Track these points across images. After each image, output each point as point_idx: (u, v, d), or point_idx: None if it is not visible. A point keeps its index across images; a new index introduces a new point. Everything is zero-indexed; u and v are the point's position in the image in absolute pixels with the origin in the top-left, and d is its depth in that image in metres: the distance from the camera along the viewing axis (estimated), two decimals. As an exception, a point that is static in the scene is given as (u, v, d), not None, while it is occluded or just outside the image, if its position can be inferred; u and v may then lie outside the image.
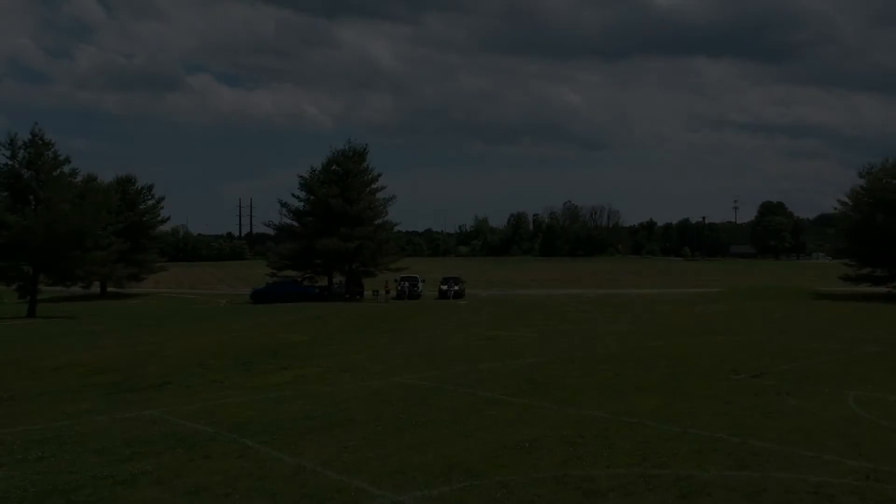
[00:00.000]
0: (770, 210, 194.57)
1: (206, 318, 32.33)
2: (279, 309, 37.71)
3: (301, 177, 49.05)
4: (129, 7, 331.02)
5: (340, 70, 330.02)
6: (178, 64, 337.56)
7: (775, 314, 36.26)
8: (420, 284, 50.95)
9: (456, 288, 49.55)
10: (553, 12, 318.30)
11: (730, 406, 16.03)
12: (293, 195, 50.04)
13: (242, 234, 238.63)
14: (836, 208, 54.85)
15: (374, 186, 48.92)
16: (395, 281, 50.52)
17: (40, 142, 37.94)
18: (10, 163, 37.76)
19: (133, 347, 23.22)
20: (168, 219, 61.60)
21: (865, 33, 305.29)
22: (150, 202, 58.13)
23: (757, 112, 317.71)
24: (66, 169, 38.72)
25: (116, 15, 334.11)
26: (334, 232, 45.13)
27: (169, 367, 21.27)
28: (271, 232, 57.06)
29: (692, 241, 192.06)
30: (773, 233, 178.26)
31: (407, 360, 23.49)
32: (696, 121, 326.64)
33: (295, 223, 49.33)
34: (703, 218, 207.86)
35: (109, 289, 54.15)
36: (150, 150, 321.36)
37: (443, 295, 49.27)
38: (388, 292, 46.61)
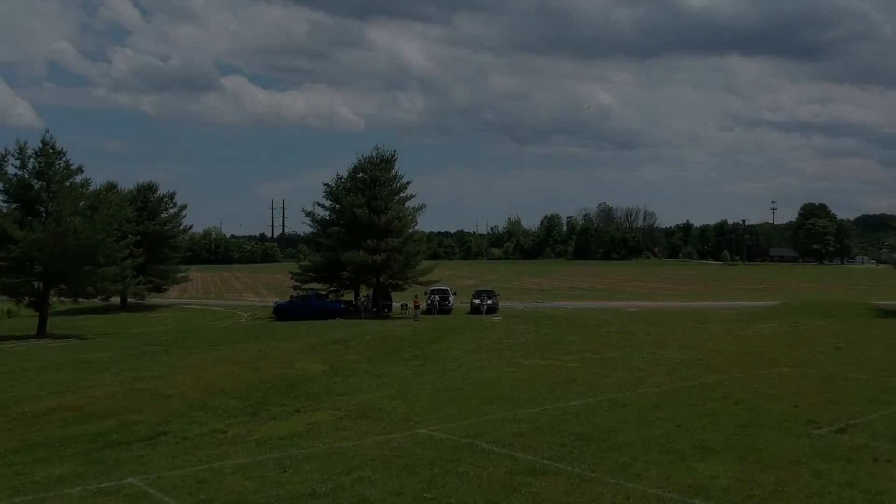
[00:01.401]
0: (812, 212, 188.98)
1: (221, 342, 30.07)
2: (300, 328, 35.38)
3: (326, 185, 46.83)
4: (165, 10, 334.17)
5: (372, 71, 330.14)
6: (213, 66, 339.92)
7: (840, 338, 33.10)
8: (451, 298, 48.38)
9: (489, 302, 46.92)
10: (584, 11, 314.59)
11: (823, 481, 13.24)
12: (318, 203, 47.93)
13: (275, 236, 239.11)
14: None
15: (402, 195, 46.45)
16: (425, 294, 48.05)
17: (51, 150, 35.97)
18: (19, 173, 35.90)
19: (132, 384, 20.95)
20: (191, 227, 59.78)
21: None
22: (172, 210, 56.32)
23: (792, 110, 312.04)
24: (78, 179, 36.80)
25: (152, 18, 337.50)
26: (361, 243, 42.72)
27: (168, 410, 18.96)
28: (303, 233, 54.60)
29: (731, 243, 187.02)
30: (816, 236, 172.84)
31: (435, 399, 20.96)
32: (730, 120, 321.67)
33: (320, 233, 46.94)
34: (744, 221, 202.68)
35: (130, 300, 52.38)
36: (185, 150, 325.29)
37: (475, 310, 46.68)
38: (417, 307, 44.14)
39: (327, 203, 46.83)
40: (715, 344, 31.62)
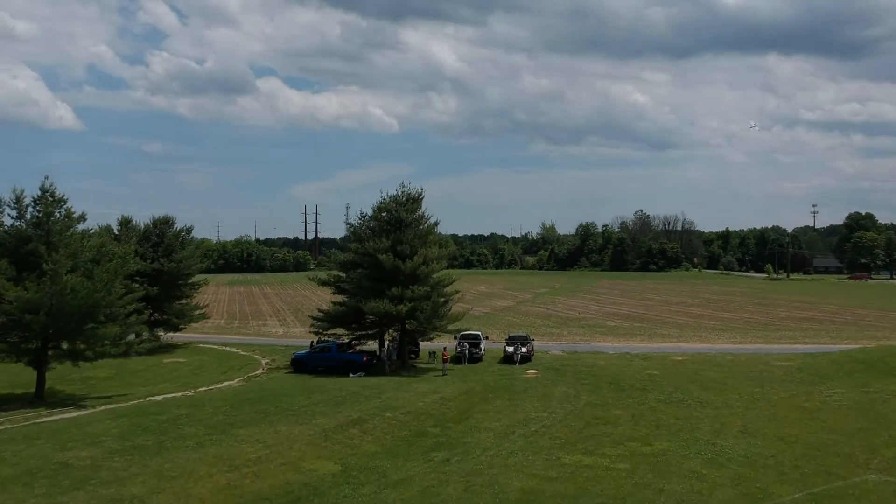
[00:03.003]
0: (858, 222, 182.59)
1: (222, 425, 27.06)
2: (314, 396, 32.42)
3: (349, 224, 43.88)
4: (200, 14, 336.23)
5: (405, 72, 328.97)
6: (248, 68, 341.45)
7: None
8: (482, 344, 45.05)
9: (523, 350, 43.45)
10: (618, 11, 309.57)
11: None
12: (342, 240, 45.06)
13: (308, 238, 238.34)
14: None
15: (430, 237, 43.13)
16: (455, 338, 44.86)
17: (51, 198, 33.30)
18: (17, 223, 33.27)
19: (106, 513, 18.04)
20: (205, 266, 56.87)
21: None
22: (189, 247, 53.46)
23: (831, 109, 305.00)
24: (79, 228, 34.09)
25: (188, 22, 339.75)
26: (385, 291, 39.56)
27: (141, 560, 15.94)
28: (335, 237, 51.82)
29: (773, 255, 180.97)
30: (864, 250, 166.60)
31: (459, 532, 17.73)
32: (767, 119, 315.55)
33: (343, 276, 43.83)
34: (787, 233, 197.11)
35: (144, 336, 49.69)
36: (220, 152, 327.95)
37: (508, 358, 43.29)
38: (445, 360, 40.93)
39: (350, 245, 43.74)
40: (780, 427, 27.94)
